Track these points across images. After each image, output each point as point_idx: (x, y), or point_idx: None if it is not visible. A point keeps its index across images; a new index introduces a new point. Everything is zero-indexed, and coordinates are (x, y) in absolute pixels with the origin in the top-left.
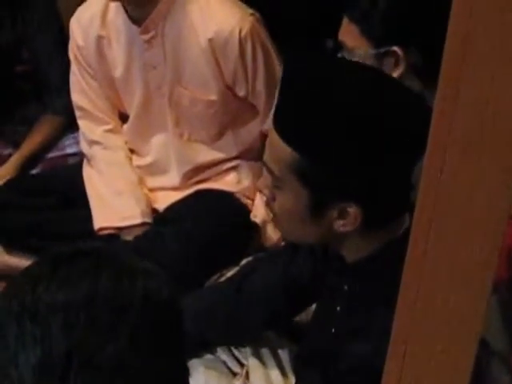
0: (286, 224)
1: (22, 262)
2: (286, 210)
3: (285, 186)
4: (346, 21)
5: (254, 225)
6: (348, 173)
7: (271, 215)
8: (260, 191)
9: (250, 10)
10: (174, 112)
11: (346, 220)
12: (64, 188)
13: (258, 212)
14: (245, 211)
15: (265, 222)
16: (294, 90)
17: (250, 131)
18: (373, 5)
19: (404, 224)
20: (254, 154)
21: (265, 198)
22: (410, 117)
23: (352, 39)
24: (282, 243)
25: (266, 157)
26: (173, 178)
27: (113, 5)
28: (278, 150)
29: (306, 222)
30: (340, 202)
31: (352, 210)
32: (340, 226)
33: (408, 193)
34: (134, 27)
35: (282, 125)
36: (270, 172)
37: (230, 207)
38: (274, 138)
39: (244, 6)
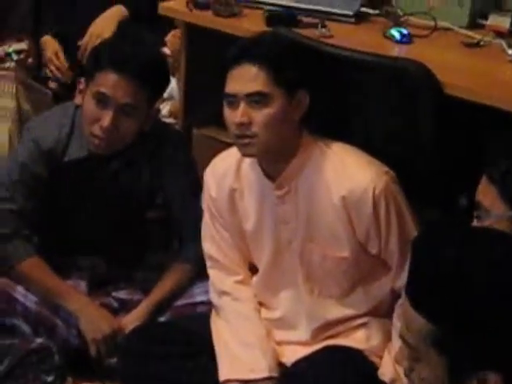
0: None
1: None
2: (424, 380)
3: (422, 357)
4: (484, 180)
5: (383, 383)
6: (485, 341)
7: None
8: (398, 362)
9: (385, 168)
10: (304, 267)
11: None
12: (191, 337)
13: (387, 370)
14: (373, 369)
15: (393, 381)
16: (425, 261)
17: (381, 288)
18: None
19: None
20: (384, 310)
21: (403, 370)
22: None
23: (489, 200)
24: None
25: (401, 328)
26: (302, 333)
27: (248, 159)
28: (413, 320)
29: None
30: (479, 371)
31: (492, 377)
32: None
33: None
34: (268, 182)
35: (415, 295)
36: (407, 343)
37: (358, 365)
38: (408, 309)
39: (378, 163)
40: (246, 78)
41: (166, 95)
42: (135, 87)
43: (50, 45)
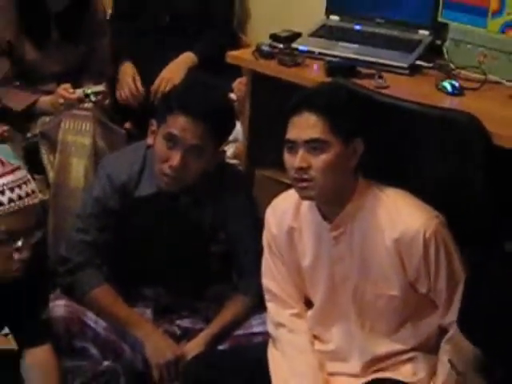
0: None
1: None
2: None
3: (468, 382)
4: None
5: None
6: None
7: None
8: None
9: (435, 212)
10: (356, 304)
11: None
12: (248, 365)
13: None
14: None
15: None
16: (479, 297)
17: (429, 325)
18: None
19: None
20: (430, 346)
21: None
22: None
23: None
24: None
25: (451, 354)
26: (353, 366)
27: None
28: (463, 347)
29: None
30: None
31: None
32: None
33: None
34: (324, 223)
35: (467, 325)
36: (455, 368)
37: None
38: (458, 336)
39: (429, 207)
40: (305, 126)
41: (231, 138)
42: (203, 130)
43: (129, 70)
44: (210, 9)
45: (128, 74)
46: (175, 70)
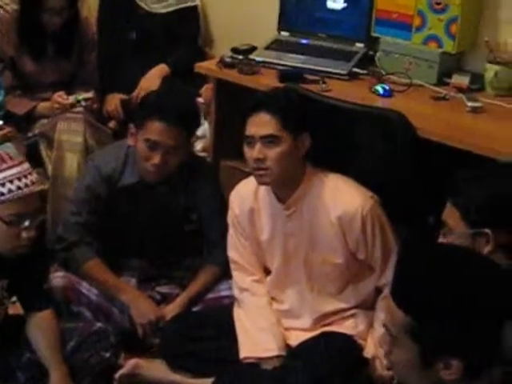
0: (401, 372)
1: (183, 379)
2: (400, 361)
3: (399, 343)
4: (449, 204)
5: (367, 359)
6: (451, 335)
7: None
8: (380, 346)
9: (371, 193)
10: (307, 270)
11: (451, 370)
12: (218, 323)
13: (370, 350)
14: (359, 349)
15: (374, 358)
16: (405, 272)
17: (367, 286)
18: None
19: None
20: (368, 304)
21: (383, 352)
22: (500, 289)
23: (453, 220)
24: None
25: (385, 320)
26: (304, 321)
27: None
28: (395, 314)
29: (417, 372)
30: (444, 357)
31: (455, 362)
32: (446, 375)
33: (498, 349)
34: (279, 204)
35: (398, 296)
36: (388, 331)
37: (348, 346)
38: (391, 305)
39: (365, 189)
40: (261, 124)
41: (200, 134)
42: (177, 131)
43: (113, 101)
44: (177, 29)
45: (114, 101)
46: (151, 80)
